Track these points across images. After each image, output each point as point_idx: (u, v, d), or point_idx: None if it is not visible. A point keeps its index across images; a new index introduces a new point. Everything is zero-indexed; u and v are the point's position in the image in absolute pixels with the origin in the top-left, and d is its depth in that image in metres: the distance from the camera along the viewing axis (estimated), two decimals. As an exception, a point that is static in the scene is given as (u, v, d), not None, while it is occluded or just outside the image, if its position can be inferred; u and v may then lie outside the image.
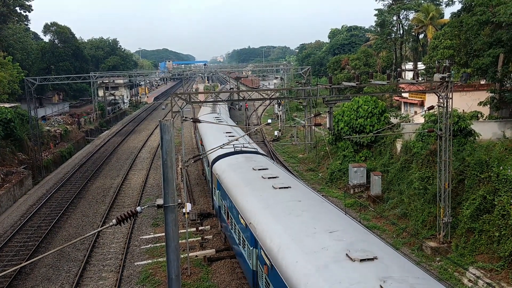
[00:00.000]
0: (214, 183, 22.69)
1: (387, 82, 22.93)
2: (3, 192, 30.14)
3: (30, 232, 25.60)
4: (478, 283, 17.52)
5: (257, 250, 13.86)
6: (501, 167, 19.77)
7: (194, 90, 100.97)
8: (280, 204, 14.47)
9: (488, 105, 31.85)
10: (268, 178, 17.52)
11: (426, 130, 23.97)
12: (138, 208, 7.62)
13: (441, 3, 61.06)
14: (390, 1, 63.64)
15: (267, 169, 19.43)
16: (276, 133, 52.52)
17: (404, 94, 42.06)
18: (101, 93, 77.87)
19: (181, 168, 31.78)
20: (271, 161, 23.45)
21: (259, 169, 19.14)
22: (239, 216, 15.90)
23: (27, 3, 69.28)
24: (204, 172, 34.51)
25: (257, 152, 24.52)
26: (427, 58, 46.85)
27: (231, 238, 18.70)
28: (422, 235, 21.84)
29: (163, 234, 21.09)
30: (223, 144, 21.77)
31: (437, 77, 20.65)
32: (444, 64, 31.93)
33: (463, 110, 29.21)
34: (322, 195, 23.34)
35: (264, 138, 51.17)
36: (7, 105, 44.56)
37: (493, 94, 31.46)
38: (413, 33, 64.34)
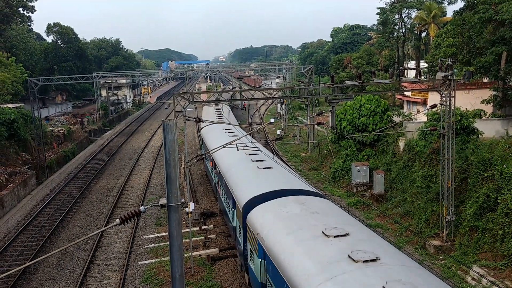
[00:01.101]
0: (252, 244, 14.76)
1: (390, 81, 22.89)
2: (7, 192, 30.26)
3: (34, 232, 25.71)
4: (481, 282, 17.49)
5: None
6: (504, 165, 19.72)
7: (196, 89, 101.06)
8: None
9: (491, 103, 31.78)
10: (365, 262, 9.91)
11: (429, 129, 23.95)
12: (142, 208, 7.65)
13: (444, 1, 60.88)
14: (393, 0, 63.49)
15: (348, 234, 11.60)
16: (278, 132, 52.52)
17: (406, 93, 42.01)
18: (104, 93, 78.03)
19: (184, 168, 31.82)
20: (338, 207, 15.55)
21: (336, 236, 11.48)
22: None
23: (30, 4, 69.53)
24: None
25: (312, 193, 16.26)
26: (429, 57, 46.72)
27: None
28: (425, 233, 21.82)
29: (167, 233, 21.15)
30: (226, 144, 21.62)
31: (439, 75, 20.62)
32: (446, 63, 31.85)
33: (466, 108, 29.13)
34: (325, 194, 23.35)
35: (266, 137, 51.18)
36: (10, 105, 44.79)
37: (496, 92, 31.39)
38: (416, 32, 64.17)
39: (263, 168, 19.61)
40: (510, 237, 18.10)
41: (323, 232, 11.73)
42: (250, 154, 22.27)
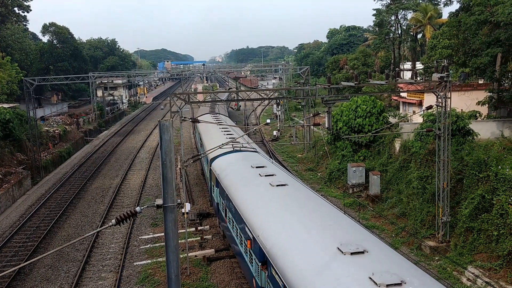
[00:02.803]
0: None
1: (386, 82, 22.97)
2: (2, 193, 30.09)
3: (29, 233, 25.58)
4: (477, 282, 17.55)
5: None
6: (499, 167, 19.82)
7: (192, 90, 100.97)
8: None
9: (486, 105, 31.94)
10: None
11: (425, 130, 24.02)
12: (138, 208, 7.63)
13: (439, 3, 61.16)
14: (389, 1, 63.66)
15: None
16: (275, 133, 52.54)
17: (402, 94, 42.11)
18: (99, 93, 77.81)
19: (180, 168, 31.78)
20: None
21: None
22: None
23: (25, 3, 69.29)
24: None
25: None
26: (425, 58, 46.94)
27: None
28: (421, 234, 21.88)
29: (163, 234, 21.11)
30: (223, 143, 21.58)
31: (435, 76, 20.72)
32: (442, 64, 32.01)
33: (462, 110, 29.27)
34: (321, 195, 23.39)
35: (263, 138, 51.20)
36: (5, 105, 44.54)
37: (491, 93, 31.54)
38: (411, 33, 64.39)
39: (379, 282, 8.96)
40: (505, 237, 18.17)
41: None
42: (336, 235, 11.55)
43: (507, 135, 28.34)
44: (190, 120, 23.01)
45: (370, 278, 9.13)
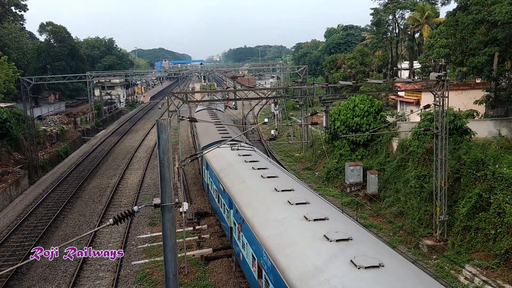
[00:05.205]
0: None
1: (383, 81, 22.97)
2: (-1, 192, 30.02)
3: (27, 232, 25.52)
4: (474, 281, 17.59)
5: None
6: (496, 165, 19.86)
7: (190, 89, 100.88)
8: None
9: (484, 104, 32.00)
10: None
11: (422, 129, 24.06)
12: (135, 208, 7.61)
13: (437, 2, 61.19)
14: (386, 0, 63.75)
15: None
16: (272, 132, 52.54)
17: (400, 93, 42.19)
18: (97, 92, 77.72)
19: (178, 168, 31.75)
20: None
21: None
22: None
23: (22, 2, 69.07)
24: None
25: None
26: (423, 57, 46.97)
27: None
28: (419, 233, 21.92)
29: (160, 233, 21.09)
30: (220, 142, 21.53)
31: (433, 76, 20.72)
32: (440, 63, 32.02)
33: (459, 109, 29.33)
34: (319, 194, 23.35)
35: (261, 137, 51.19)
36: (2, 104, 44.42)
37: (488, 92, 31.61)
38: (409, 32, 64.48)
39: None
40: (502, 236, 18.22)
41: None
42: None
43: (504, 134, 28.43)
44: (188, 119, 22.98)
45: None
